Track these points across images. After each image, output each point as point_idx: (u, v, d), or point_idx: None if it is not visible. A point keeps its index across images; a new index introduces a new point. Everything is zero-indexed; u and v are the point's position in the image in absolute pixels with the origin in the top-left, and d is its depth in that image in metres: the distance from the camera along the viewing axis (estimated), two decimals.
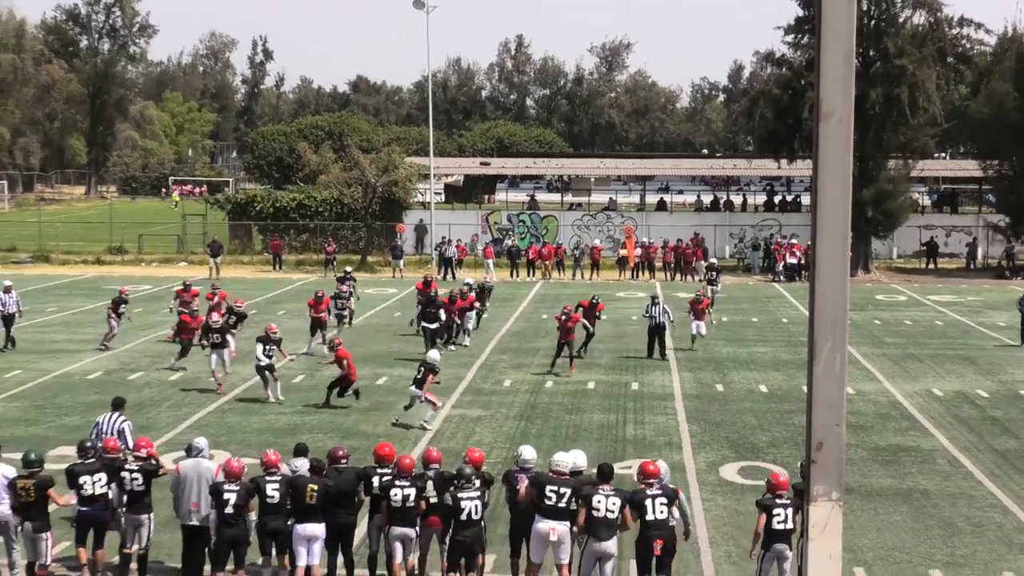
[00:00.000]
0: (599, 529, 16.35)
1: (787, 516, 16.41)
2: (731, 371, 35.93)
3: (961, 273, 68.02)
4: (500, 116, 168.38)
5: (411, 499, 17.49)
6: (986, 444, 27.32)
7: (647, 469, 16.94)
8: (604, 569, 16.40)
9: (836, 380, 6.07)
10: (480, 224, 74.45)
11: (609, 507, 16.36)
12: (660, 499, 16.60)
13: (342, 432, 27.62)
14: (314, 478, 17.81)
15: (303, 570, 17.63)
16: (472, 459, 18.28)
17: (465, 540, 17.04)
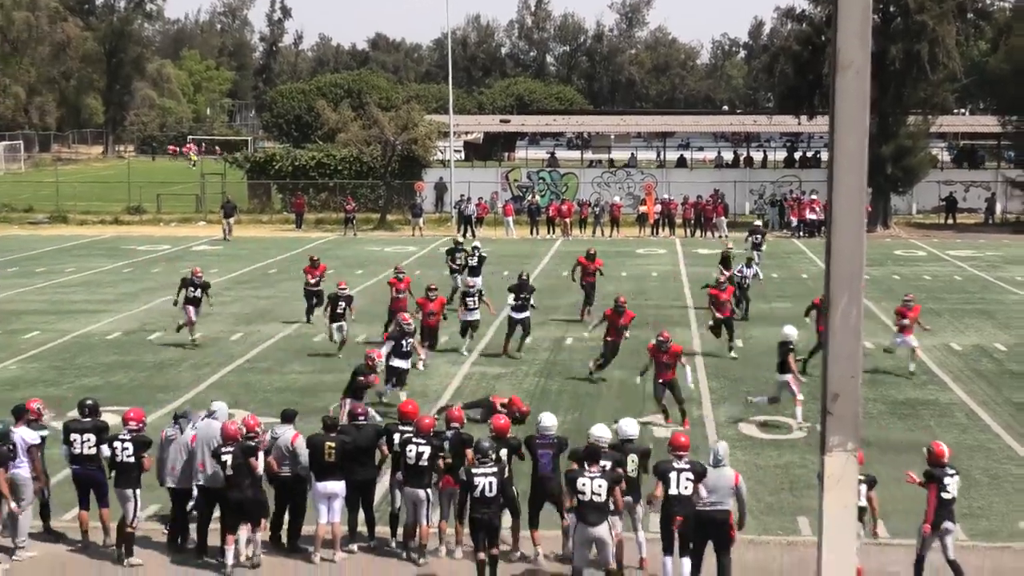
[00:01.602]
0: (588, 513, 15.81)
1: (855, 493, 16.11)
2: (751, 326, 35.97)
3: (980, 228, 67.88)
4: (520, 73, 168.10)
5: (424, 457, 17.56)
6: (1004, 397, 27.41)
7: (677, 441, 16.62)
8: (604, 553, 15.99)
9: (852, 333, 6.16)
10: (500, 182, 74.43)
11: (595, 489, 15.78)
12: (686, 474, 16.12)
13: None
14: (331, 435, 17.92)
15: (324, 527, 17.81)
16: (496, 427, 18.11)
17: (482, 517, 16.65)
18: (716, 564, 16.37)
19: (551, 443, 17.65)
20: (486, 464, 16.73)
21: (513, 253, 54.59)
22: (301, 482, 18.07)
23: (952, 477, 16.25)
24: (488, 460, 16.79)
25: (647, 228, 65.34)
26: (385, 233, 65.39)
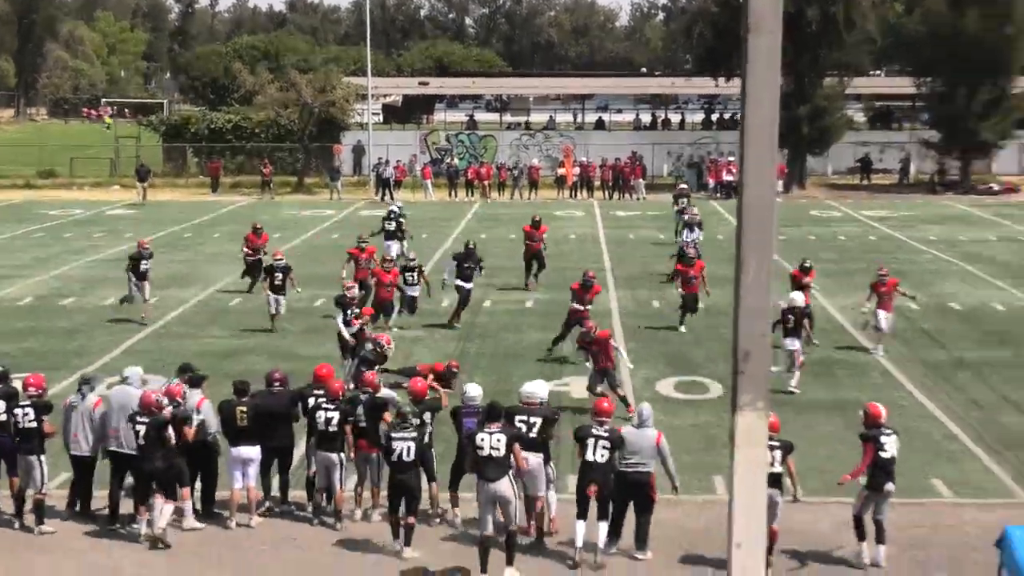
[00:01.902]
0: (487, 468, 15.71)
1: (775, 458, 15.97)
2: (668, 288, 36.13)
3: (894, 189, 68.63)
4: (439, 35, 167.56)
5: (334, 422, 17.54)
6: (916, 356, 27.78)
7: (600, 407, 16.78)
8: (507, 512, 15.76)
9: (762, 292, 6.23)
10: (418, 145, 74.20)
11: (494, 444, 15.73)
12: (603, 442, 16.23)
13: (280, 355, 27.65)
14: (243, 400, 17.86)
15: (239, 492, 17.74)
16: (413, 390, 18.15)
17: (400, 482, 16.61)
18: (635, 524, 16.51)
19: (476, 412, 17.68)
20: (405, 429, 16.66)
21: (432, 216, 54.54)
22: (209, 447, 17.98)
23: (889, 436, 16.33)
24: (408, 425, 16.72)
25: (565, 190, 65.47)
26: (303, 196, 65.09)
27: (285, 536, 17.47)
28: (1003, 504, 18.61)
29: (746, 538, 6.91)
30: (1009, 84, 66.99)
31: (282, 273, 30.46)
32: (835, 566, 16.31)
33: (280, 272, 30.43)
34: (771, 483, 15.66)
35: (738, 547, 6.80)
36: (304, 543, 17.20)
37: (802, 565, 16.27)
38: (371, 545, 16.98)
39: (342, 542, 17.17)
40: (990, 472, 20.12)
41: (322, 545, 17.10)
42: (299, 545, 17.14)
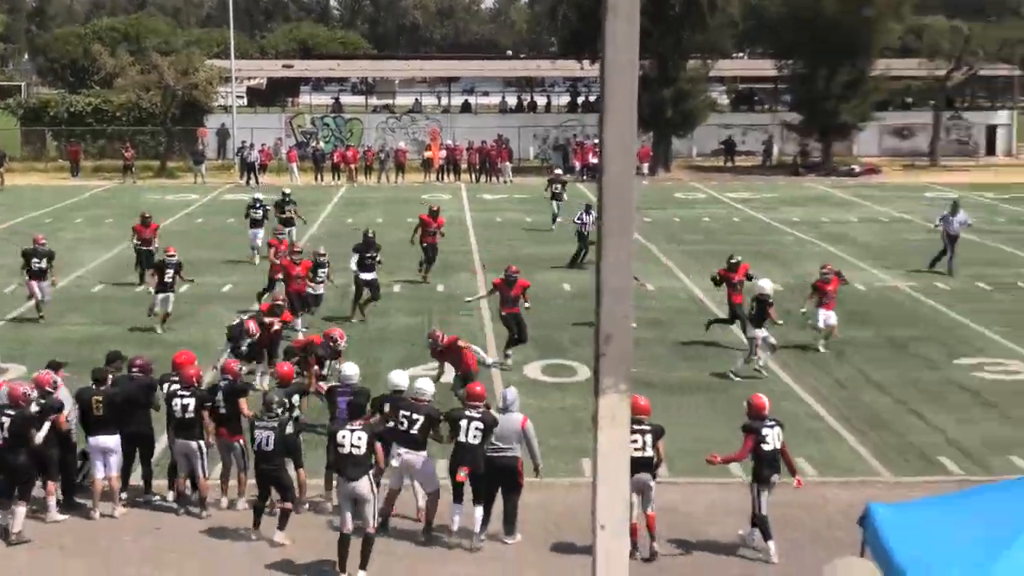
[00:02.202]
0: (347, 466, 15.51)
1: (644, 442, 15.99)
2: (536, 271, 36.21)
3: (758, 171, 69.50)
4: (303, 17, 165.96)
5: (190, 409, 17.36)
6: (783, 338, 28.07)
7: (472, 391, 16.85)
8: (364, 512, 15.55)
9: (624, 274, 6.24)
10: (284, 128, 73.56)
11: (354, 442, 15.52)
12: (476, 423, 16.28)
13: (144, 342, 27.25)
14: (99, 389, 17.59)
15: (100, 482, 17.47)
16: (280, 373, 18.09)
17: (264, 472, 16.53)
18: (503, 509, 16.56)
19: (351, 392, 17.61)
20: (266, 418, 16.51)
21: (298, 200, 53.98)
22: (66, 437, 17.67)
23: (771, 428, 16.31)
24: (272, 414, 16.56)
25: (432, 174, 65.32)
26: (166, 180, 64.20)
27: (149, 526, 17.24)
28: (866, 482, 18.96)
29: (610, 520, 6.92)
30: (868, 66, 68.16)
31: (173, 270, 28.82)
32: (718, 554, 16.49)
33: (171, 269, 28.79)
34: (643, 467, 15.76)
35: (602, 529, 6.81)
36: (168, 532, 16.99)
37: (685, 552, 16.41)
38: (237, 533, 16.82)
39: (207, 531, 16.99)
40: (853, 451, 20.47)
41: (187, 534, 16.91)
42: (163, 534, 16.92)
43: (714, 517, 17.34)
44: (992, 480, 17.21)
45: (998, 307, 31.62)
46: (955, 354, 26.61)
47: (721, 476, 18.99)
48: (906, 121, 77.51)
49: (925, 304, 31.87)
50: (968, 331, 28.94)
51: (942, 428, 21.59)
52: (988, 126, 77.96)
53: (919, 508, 12.36)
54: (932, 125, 73.14)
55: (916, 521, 11.68)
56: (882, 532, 11.68)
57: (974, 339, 28.18)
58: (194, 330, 27.96)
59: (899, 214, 50.04)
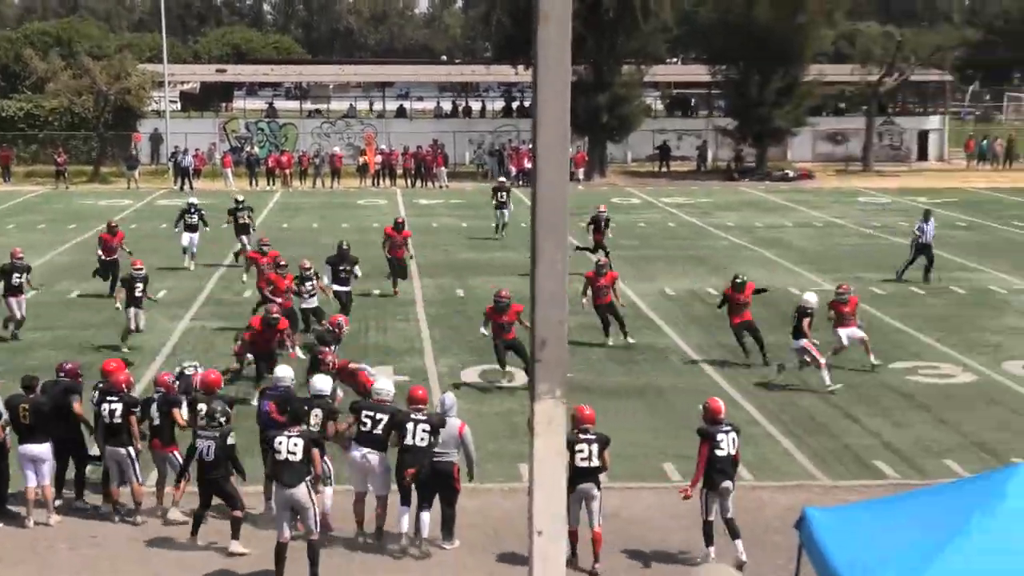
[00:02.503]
0: (284, 473, 15.36)
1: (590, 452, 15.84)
2: (471, 276, 36.26)
3: (692, 176, 69.81)
4: (236, 22, 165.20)
5: (118, 414, 17.15)
6: (716, 341, 28.21)
7: (415, 394, 16.72)
8: (305, 520, 15.43)
9: (558, 281, 6.23)
10: (217, 133, 73.17)
11: (290, 448, 15.37)
12: (423, 425, 16.20)
13: (76, 348, 26.95)
14: (28, 396, 17.41)
15: (33, 491, 17.26)
16: (206, 381, 17.89)
17: (207, 481, 16.33)
18: (441, 514, 16.52)
19: (280, 394, 17.51)
20: (210, 428, 16.30)
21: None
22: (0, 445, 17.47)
23: (727, 434, 16.11)
24: (213, 423, 16.33)
25: (368, 179, 65.16)
26: (99, 186, 63.67)
27: (85, 534, 17.05)
28: (802, 486, 19.04)
29: (546, 526, 6.91)
30: (802, 72, 68.63)
31: (142, 284, 27.54)
32: (658, 561, 16.49)
33: (140, 283, 27.47)
34: (588, 477, 15.67)
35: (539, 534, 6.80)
36: (105, 541, 16.81)
37: (628, 557, 16.39)
38: (174, 542, 16.65)
39: (144, 539, 16.81)
40: (790, 455, 20.56)
41: (123, 542, 16.73)
42: (99, 542, 16.75)
43: (652, 521, 17.37)
44: (927, 484, 17.31)
45: (932, 311, 31.89)
46: (890, 358, 26.78)
47: (657, 480, 19.04)
48: (839, 126, 78.14)
49: (859, 309, 32.05)
50: (902, 335, 29.16)
51: (877, 432, 21.74)
52: (920, 131, 78.80)
53: (855, 512, 12.40)
54: (865, 130, 73.75)
55: (852, 525, 11.72)
56: (818, 536, 11.72)
57: (908, 343, 28.39)
58: (134, 336, 27.65)
59: (832, 219, 50.37)
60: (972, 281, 35.83)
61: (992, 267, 38.06)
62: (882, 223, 48.82)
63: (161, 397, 17.59)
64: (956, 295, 33.88)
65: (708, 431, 16.13)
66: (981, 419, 22.46)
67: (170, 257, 38.58)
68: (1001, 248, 42.10)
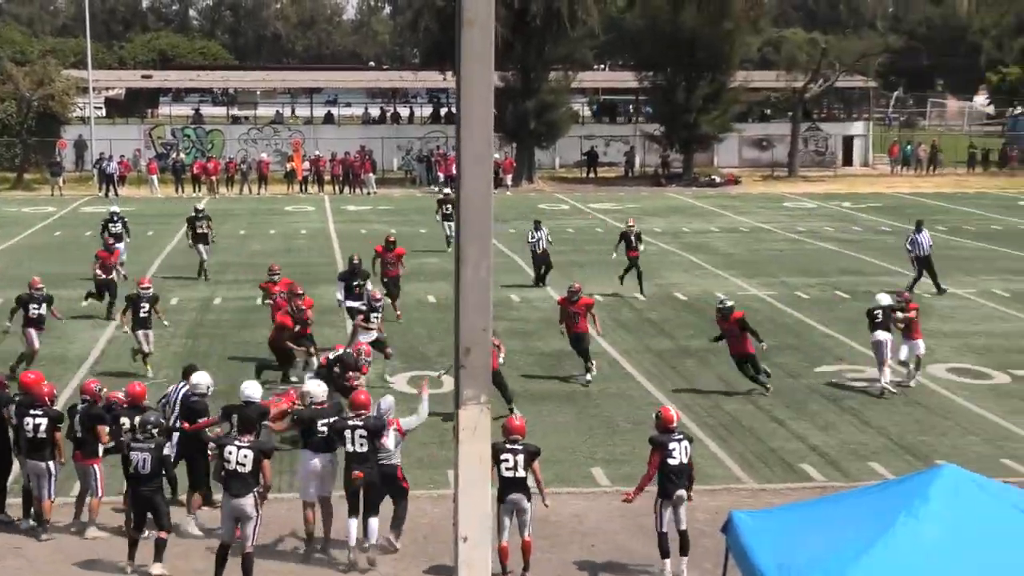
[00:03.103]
0: (232, 483, 15.21)
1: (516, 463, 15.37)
2: (402, 282, 36.11)
3: (620, 181, 70.04)
4: (162, 27, 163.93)
5: (42, 429, 16.88)
6: (644, 345, 28.32)
7: (357, 399, 16.53)
8: (245, 530, 15.23)
9: (483, 286, 6.21)
10: (143, 139, 72.61)
11: (240, 459, 15.19)
12: (360, 431, 15.97)
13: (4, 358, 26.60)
14: None
15: None
16: (131, 393, 17.62)
17: (140, 496, 15.93)
18: (393, 512, 16.44)
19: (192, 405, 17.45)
20: (145, 439, 15.93)
21: (158, 212, 53.45)
22: None
23: (680, 443, 15.83)
24: (148, 435, 15.96)
25: (296, 185, 64.92)
26: (23, 193, 63.00)
27: (8, 546, 16.83)
28: (730, 489, 19.14)
29: (472, 532, 6.90)
30: (728, 78, 69.08)
31: (148, 303, 25.74)
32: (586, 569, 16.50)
33: (146, 303, 25.69)
34: (516, 488, 15.42)
35: (464, 540, 6.78)
36: (30, 554, 16.58)
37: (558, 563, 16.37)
38: (99, 563, 16.39)
39: (69, 553, 16.59)
40: (716, 458, 20.65)
41: (48, 556, 16.51)
42: (24, 554, 16.53)
43: (582, 526, 17.36)
44: (852, 486, 17.44)
45: (857, 315, 32.07)
46: (815, 362, 27.01)
47: (586, 485, 19.07)
48: (765, 132, 78.79)
49: (785, 313, 32.30)
50: (828, 339, 29.39)
51: (804, 435, 21.89)
52: (845, 137, 79.58)
53: (780, 515, 12.48)
54: (790, 136, 74.31)
55: (778, 528, 11.80)
56: (744, 539, 11.78)
57: (833, 347, 28.62)
58: (53, 346, 27.37)
59: (759, 224, 50.72)
60: (896, 285, 36.13)
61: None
62: (807, 228, 49.21)
63: (85, 409, 17.34)
64: None
65: (660, 440, 15.86)
66: (906, 422, 22.68)
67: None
68: None
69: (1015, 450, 21.03)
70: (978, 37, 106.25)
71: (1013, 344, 28.59)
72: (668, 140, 70.00)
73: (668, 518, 15.72)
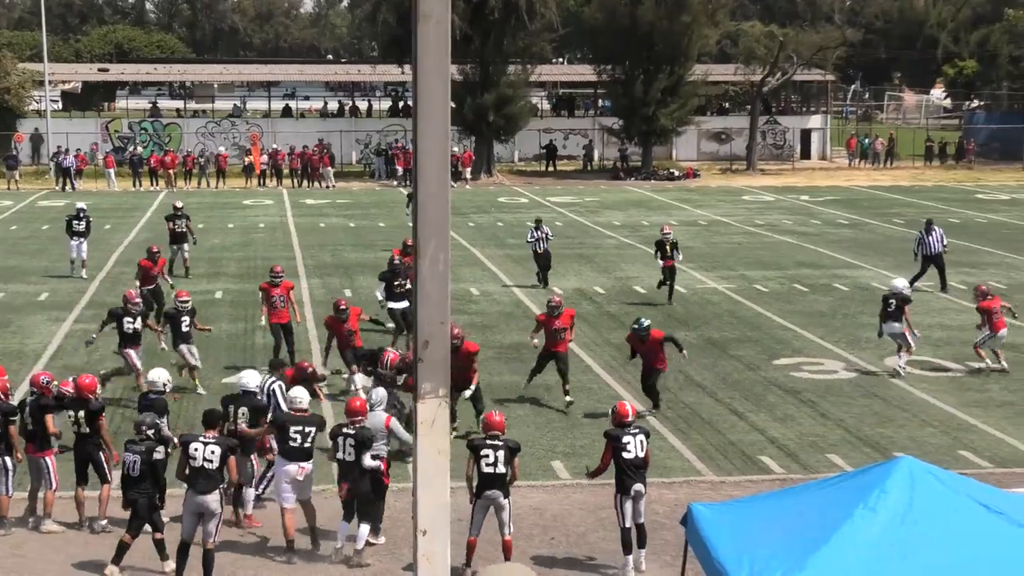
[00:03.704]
0: (197, 479, 15.07)
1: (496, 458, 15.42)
2: (359, 276, 36.13)
3: (579, 175, 70.12)
4: (119, 20, 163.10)
5: None
6: (603, 338, 28.34)
7: (351, 406, 16.37)
8: (207, 526, 15.06)
9: (441, 280, 6.19)
10: (100, 133, 72.19)
11: (207, 456, 15.07)
12: (350, 440, 15.84)
13: None
14: None
15: None
16: (80, 385, 17.22)
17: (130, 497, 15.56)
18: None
19: (148, 402, 17.36)
20: (139, 441, 15.60)
21: (115, 206, 53.18)
22: None
23: (634, 436, 15.79)
24: (143, 436, 15.63)
25: (254, 179, 64.68)
26: None
27: None
28: (690, 482, 19.16)
29: (430, 524, 6.88)
30: (686, 72, 69.21)
31: (188, 317, 23.94)
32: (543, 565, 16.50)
33: (186, 316, 23.88)
34: (495, 484, 15.39)
35: (423, 534, 6.77)
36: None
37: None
38: (58, 556, 16.29)
39: (27, 549, 16.49)
40: (675, 451, 20.68)
41: (8, 552, 16.38)
42: None
43: (542, 519, 17.36)
44: (811, 478, 17.50)
45: (814, 308, 32.28)
46: (774, 355, 27.09)
47: (546, 478, 19.07)
48: (724, 126, 79.01)
49: (744, 306, 32.39)
50: (786, 332, 29.49)
51: (763, 428, 21.95)
52: (803, 130, 79.91)
53: (739, 507, 12.52)
54: (749, 129, 74.56)
55: (736, 520, 11.83)
56: (703, 532, 11.81)
57: (792, 340, 28.71)
58: (9, 340, 27.21)
59: (717, 217, 50.87)
60: (854, 278, 36.34)
61: (873, 264, 38.64)
62: (766, 221, 49.40)
63: (33, 401, 17.21)
64: (839, 292, 34.32)
65: (614, 433, 15.87)
66: (863, 414, 22.78)
67: (52, 258, 38.12)
68: (882, 245, 42.73)
69: (972, 442, 21.16)
70: (935, 31, 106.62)
71: (970, 337, 28.67)
72: (627, 133, 70.06)
73: (629, 513, 15.68)
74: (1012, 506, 11.38)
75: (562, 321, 23.48)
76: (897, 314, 25.14)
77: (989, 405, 23.40)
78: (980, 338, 25.78)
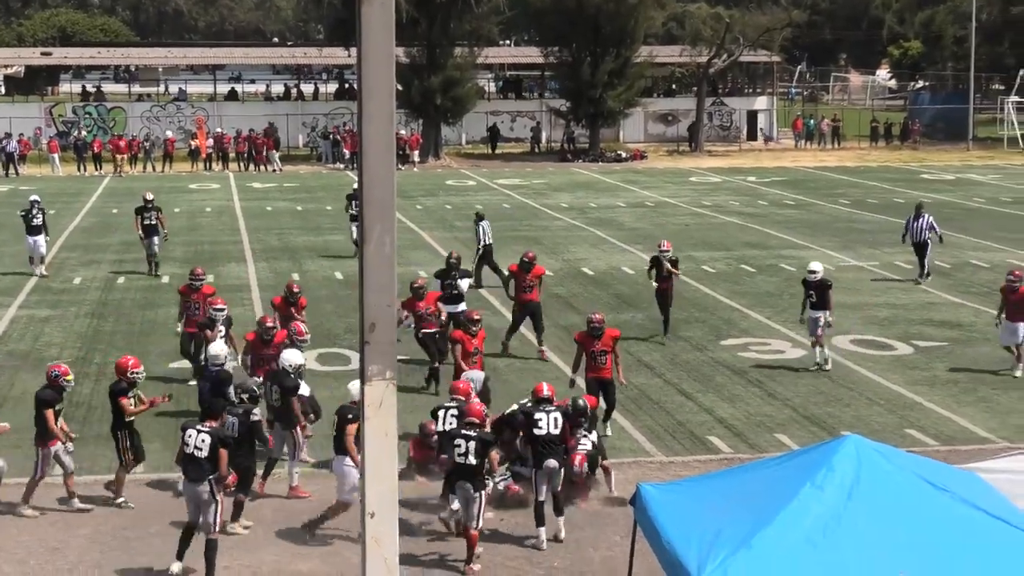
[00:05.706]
0: (189, 467, 15.03)
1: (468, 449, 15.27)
2: (307, 260, 36.05)
3: (526, 157, 70.15)
4: (62, 4, 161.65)
5: None
6: (552, 320, 28.30)
7: (466, 400, 16.56)
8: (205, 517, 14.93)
9: (387, 262, 6.19)
10: (43, 117, 71.58)
11: (198, 444, 14.97)
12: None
13: None
14: None
15: None
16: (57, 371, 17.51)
17: (240, 463, 15.89)
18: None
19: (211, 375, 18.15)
20: (236, 404, 16.38)
21: (60, 191, 52.78)
22: None
23: (548, 414, 16.02)
24: (239, 400, 16.38)
25: (200, 163, 64.32)
26: None
27: None
28: (637, 462, 19.24)
29: (378, 507, 6.88)
30: (633, 53, 69.30)
31: (225, 327, 22.35)
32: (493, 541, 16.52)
33: (223, 326, 22.29)
34: (465, 476, 15.29)
35: (371, 516, 6.77)
36: None
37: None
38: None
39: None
40: (624, 431, 20.75)
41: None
42: None
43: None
44: (758, 457, 17.62)
45: (761, 288, 32.44)
46: (721, 335, 27.22)
47: None
48: (670, 107, 79.23)
49: (691, 287, 32.49)
50: (733, 312, 29.63)
51: (711, 408, 22.06)
52: (749, 111, 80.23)
53: (687, 487, 12.59)
54: (695, 111, 74.77)
55: (684, 500, 11.89)
56: (652, 511, 11.86)
57: (739, 320, 28.85)
58: None
59: (665, 198, 51.01)
60: (801, 259, 36.50)
61: (819, 244, 38.84)
62: (713, 202, 49.57)
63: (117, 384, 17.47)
64: (785, 272, 34.48)
65: (527, 410, 16.35)
66: (811, 393, 22.93)
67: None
68: (828, 226, 42.97)
69: (918, 420, 21.35)
70: (880, 11, 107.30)
71: (916, 315, 28.97)
72: (574, 115, 70.12)
73: (544, 488, 15.90)
74: (957, 483, 11.49)
75: (532, 276, 25.04)
76: (820, 303, 24.49)
77: (935, 383, 23.61)
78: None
